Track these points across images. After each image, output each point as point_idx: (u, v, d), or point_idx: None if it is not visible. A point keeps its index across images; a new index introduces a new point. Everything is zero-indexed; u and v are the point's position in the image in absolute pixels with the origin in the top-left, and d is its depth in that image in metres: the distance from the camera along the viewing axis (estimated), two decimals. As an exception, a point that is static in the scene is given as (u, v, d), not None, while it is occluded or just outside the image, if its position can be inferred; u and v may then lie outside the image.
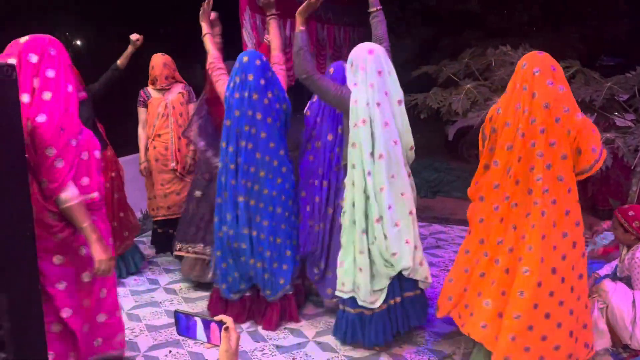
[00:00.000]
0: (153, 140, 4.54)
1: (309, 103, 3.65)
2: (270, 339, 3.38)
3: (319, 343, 3.32)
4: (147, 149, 4.56)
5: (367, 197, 2.93)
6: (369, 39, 3.21)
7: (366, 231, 2.98)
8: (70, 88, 2.27)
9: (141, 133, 4.60)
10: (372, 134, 2.91)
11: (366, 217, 2.96)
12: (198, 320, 1.35)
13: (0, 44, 2.33)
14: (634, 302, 2.91)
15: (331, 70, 3.43)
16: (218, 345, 1.33)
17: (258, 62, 3.23)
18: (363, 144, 2.89)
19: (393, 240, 2.94)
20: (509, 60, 4.87)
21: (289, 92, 3.96)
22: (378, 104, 2.90)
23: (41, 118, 2.12)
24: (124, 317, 3.40)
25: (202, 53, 3.67)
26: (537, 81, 2.52)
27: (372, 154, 2.90)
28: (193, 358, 3.17)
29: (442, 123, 8.24)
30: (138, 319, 3.69)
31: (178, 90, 4.59)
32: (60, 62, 2.27)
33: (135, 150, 4.70)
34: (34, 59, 2.19)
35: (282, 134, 3.35)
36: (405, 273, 3.04)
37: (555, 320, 2.51)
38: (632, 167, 4.53)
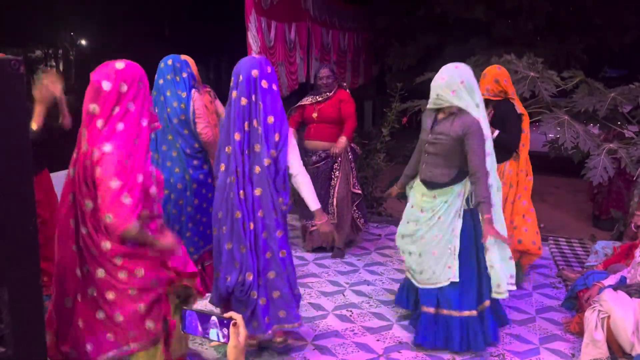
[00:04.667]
0: None
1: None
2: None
3: (319, 347, 3.32)
4: None
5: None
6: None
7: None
8: (145, 122, 2.20)
9: None
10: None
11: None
12: (205, 317, 1.34)
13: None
14: None
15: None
16: (224, 343, 1.32)
17: (162, 65, 3.54)
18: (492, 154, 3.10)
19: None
20: (513, 68, 4.88)
21: (294, 95, 4.05)
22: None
23: (107, 147, 2.07)
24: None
25: (206, 55, 3.65)
26: None
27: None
28: (189, 354, 3.16)
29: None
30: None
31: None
32: (144, 96, 2.22)
33: None
34: (124, 88, 2.14)
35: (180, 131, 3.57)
36: None
37: None
38: (635, 178, 4.54)
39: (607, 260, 3.96)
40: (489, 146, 3.03)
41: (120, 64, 2.16)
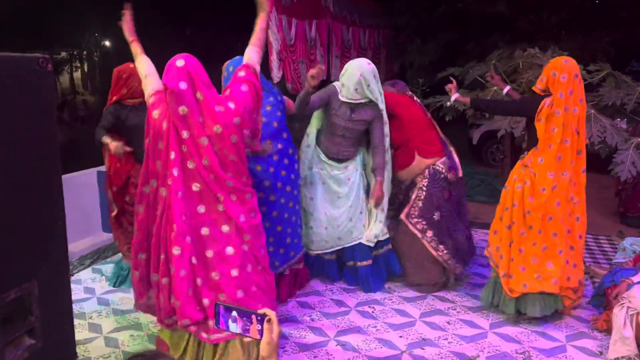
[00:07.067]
0: None
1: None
2: (292, 336, 3.38)
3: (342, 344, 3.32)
4: None
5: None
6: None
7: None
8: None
9: None
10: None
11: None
12: (239, 313, 1.34)
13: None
14: None
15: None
16: (257, 339, 1.32)
17: (231, 69, 3.35)
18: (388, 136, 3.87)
19: None
20: (537, 62, 4.81)
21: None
22: None
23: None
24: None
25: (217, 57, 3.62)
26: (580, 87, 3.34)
27: None
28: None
29: (467, 126, 8.15)
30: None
31: None
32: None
33: None
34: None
35: None
36: None
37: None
38: (664, 173, 4.42)
39: (637, 258, 3.87)
40: (386, 130, 3.83)
41: (180, 61, 2.45)
